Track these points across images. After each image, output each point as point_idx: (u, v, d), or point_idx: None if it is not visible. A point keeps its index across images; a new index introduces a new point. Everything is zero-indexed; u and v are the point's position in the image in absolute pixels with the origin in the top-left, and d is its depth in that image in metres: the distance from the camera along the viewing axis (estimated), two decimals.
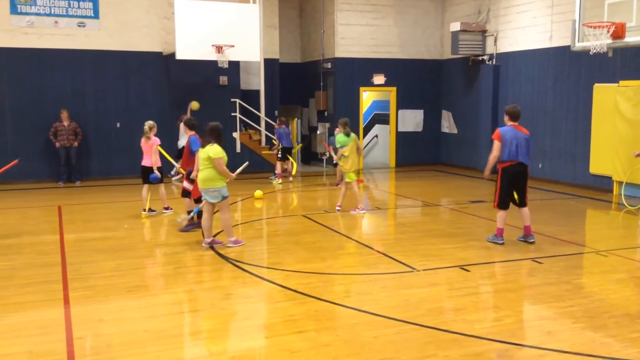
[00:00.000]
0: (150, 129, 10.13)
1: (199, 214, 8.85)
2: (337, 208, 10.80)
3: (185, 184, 9.19)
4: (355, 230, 9.68)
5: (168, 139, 15.50)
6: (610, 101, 12.27)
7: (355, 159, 10.67)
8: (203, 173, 7.87)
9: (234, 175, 8.10)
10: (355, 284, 6.79)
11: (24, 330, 5.30)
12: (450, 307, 5.98)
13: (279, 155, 14.89)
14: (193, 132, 9.30)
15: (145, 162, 10.18)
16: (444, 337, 5.11)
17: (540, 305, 6.02)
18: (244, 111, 16.17)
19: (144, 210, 10.25)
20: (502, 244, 8.28)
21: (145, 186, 10.31)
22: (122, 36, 15.10)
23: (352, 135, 10.69)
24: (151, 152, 10.06)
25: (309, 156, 19.09)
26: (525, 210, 8.34)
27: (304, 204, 12.61)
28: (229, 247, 8.15)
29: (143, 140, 10.18)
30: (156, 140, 10.12)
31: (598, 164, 12.65)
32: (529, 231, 8.42)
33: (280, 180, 14.59)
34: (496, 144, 8.10)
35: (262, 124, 16.64)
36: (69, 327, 5.33)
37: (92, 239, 8.76)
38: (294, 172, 15.36)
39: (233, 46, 14.26)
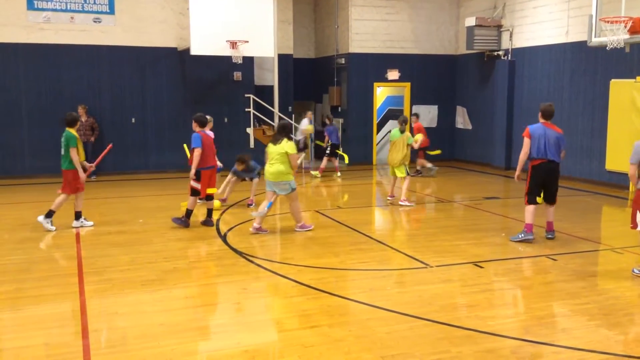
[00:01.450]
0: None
1: (189, 213, 8.95)
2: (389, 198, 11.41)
3: (193, 182, 8.97)
4: (368, 226, 9.68)
5: (182, 135, 15.59)
6: (627, 97, 12.14)
7: (393, 154, 10.99)
8: (273, 167, 8.38)
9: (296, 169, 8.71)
10: (369, 279, 6.79)
11: (40, 322, 5.37)
12: (463, 303, 5.97)
13: (328, 152, 15.08)
14: (200, 130, 9.03)
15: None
16: (457, 334, 5.11)
17: (554, 302, 5.98)
18: (257, 107, 16.20)
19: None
20: (532, 239, 8.18)
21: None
22: (138, 32, 15.19)
23: (405, 133, 10.92)
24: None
25: (323, 151, 19.04)
26: (552, 207, 8.34)
27: (316, 199, 12.62)
28: (297, 231, 8.79)
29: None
30: (210, 134, 10.18)
31: (614, 161, 12.52)
32: (550, 227, 8.39)
33: (319, 174, 14.80)
34: (525, 142, 8.15)
35: (276, 119, 16.65)
36: (84, 320, 5.40)
37: (108, 232, 8.84)
38: (346, 161, 15.45)
39: (247, 42, 14.28)
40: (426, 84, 17.72)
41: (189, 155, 10.35)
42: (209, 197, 9.21)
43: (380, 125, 18.75)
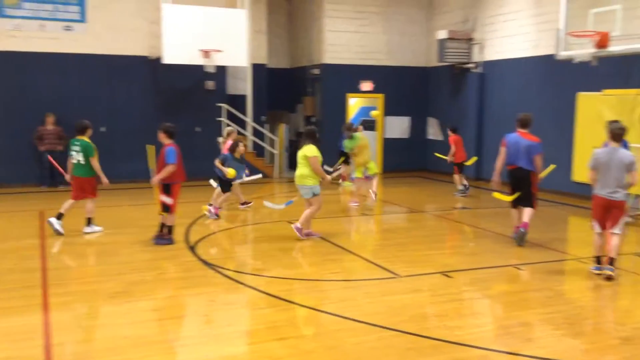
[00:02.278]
0: (229, 134, 11.35)
1: (170, 228, 8.68)
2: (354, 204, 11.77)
3: (163, 197, 8.49)
4: (339, 236, 9.68)
5: (153, 144, 15.45)
6: (594, 109, 12.41)
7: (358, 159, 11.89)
8: (298, 170, 8.74)
9: (328, 177, 8.95)
10: (339, 290, 6.79)
11: (3, 336, 5.25)
12: (432, 313, 6.00)
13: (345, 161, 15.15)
14: (171, 142, 8.57)
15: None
16: (426, 344, 5.13)
17: (521, 311, 6.05)
18: (230, 116, 16.15)
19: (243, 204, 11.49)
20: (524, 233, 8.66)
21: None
22: (109, 40, 15.04)
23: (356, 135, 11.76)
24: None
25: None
26: (528, 210, 8.70)
27: (288, 209, 12.59)
28: (299, 238, 8.83)
29: (222, 145, 11.37)
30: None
31: (581, 172, 12.75)
32: (524, 225, 8.68)
33: (347, 183, 15.05)
34: (501, 150, 8.78)
35: (249, 129, 16.64)
36: (48, 333, 5.29)
37: (75, 243, 8.70)
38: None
39: (220, 51, 14.27)
40: (399, 96, 17.88)
41: (151, 163, 9.45)
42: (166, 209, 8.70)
43: None
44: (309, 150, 8.60)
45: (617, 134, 7.11)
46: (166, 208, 8.56)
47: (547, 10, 13.59)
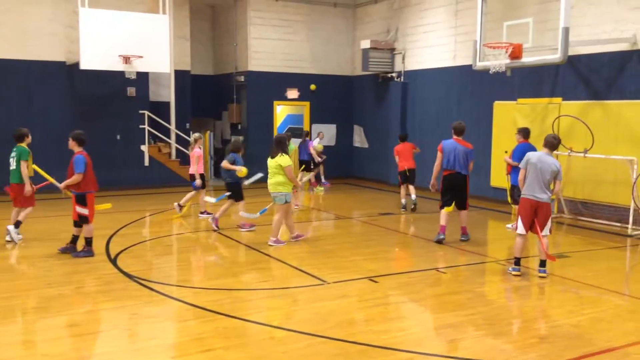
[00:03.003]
0: (196, 140, 11.54)
1: (89, 240, 8.30)
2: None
3: (78, 208, 8.18)
4: (266, 245, 9.63)
5: (70, 152, 14.83)
6: (509, 117, 12.99)
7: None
8: (273, 179, 8.98)
9: (300, 183, 9.27)
10: (266, 299, 6.74)
11: None
12: (359, 318, 6.06)
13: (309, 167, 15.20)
14: (81, 150, 8.25)
15: (190, 170, 11.59)
16: (353, 349, 5.17)
17: (444, 314, 6.22)
18: (153, 123, 15.76)
19: (179, 206, 11.59)
20: (443, 238, 9.29)
21: (202, 191, 11.61)
22: (23, 45, 14.33)
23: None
24: (193, 161, 11.38)
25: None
26: (464, 213, 9.49)
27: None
28: (270, 245, 9.00)
29: (190, 150, 11.59)
30: (197, 151, 11.39)
31: (498, 177, 13.31)
32: (464, 231, 9.56)
33: (322, 188, 15.56)
34: (438, 155, 9.29)
35: (173, 136, 16.30)
36: None
37: None
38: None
39: (141, 57, 13.91)
40: (325, 104, 18.05)
41: (46, 176, 9.17)
42: (78, 224, 8.39)
43: None
44: (283, 160, 8.92)
45: (550, 142, 7.39)
46: (83, 219, 8.24)
47: (465, 22, 14.13)
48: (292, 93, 17.71)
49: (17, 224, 9.14)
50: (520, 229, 7.41)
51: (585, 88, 11.64)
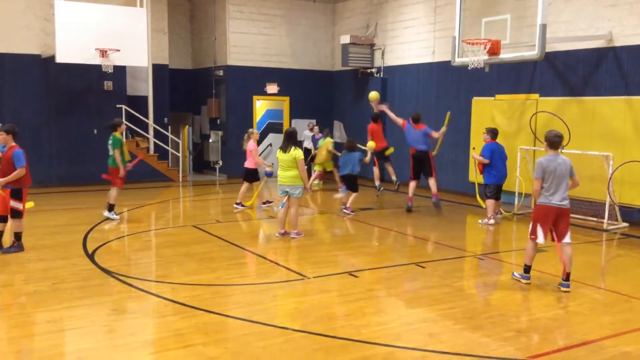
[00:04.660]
0: (250, 135, 11.82)
1: (18, 235, 8.16)
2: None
3: (13, 203, 7.97)
4: (247, 239, 9.60)
5: (45, 147, 14.63)
6: (488, 113, 13.10)
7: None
8: (289, 172, 9.10)
9: (308, 183, 9.46)
10: (246, 294, 6.71)
11: None
12: (339, 313, 6.07)
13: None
14: (16, 144, 8.09)
15: (246, 164, 11.83)
16: (332, 344, 5.18)
17: (423, 308, 6.26)
18: (131, 118, 15.59)
19: (236, 204, 11.88)
20: (411, 206, 11.71)
21: (245, 184, 11.88)
22: None
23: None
24: (251, 155, 11.71)
25: (202, 164, 18.75)
26: (432, 180, 11.78)
27: (194, 213, 12.34)
28: (293, 237, 9.21)
29: (245, 144, 11.86)
30: (251, 144, 11.68)
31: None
32: (435, 195, 11.77)
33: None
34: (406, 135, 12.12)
35: (151, 131, 16.15)
36: None
37: None
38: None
39: (118, 50, 13.74)
40: (305, 99, 18.01)
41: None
42: (3, 219, 8.18)
43: (261, 138, 18.73)
44: (297, 154, 9.07)
45: (554, 141, 6.93)
46: (16, 214, 8.07)
47: (443, 18, 14.19)
48: (272, 88, 17.64)
49: (111, 207, 10.56)
50: (541, 238, 6.89)
51: (562, 84, 11.79)
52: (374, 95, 13.40)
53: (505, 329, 5.68)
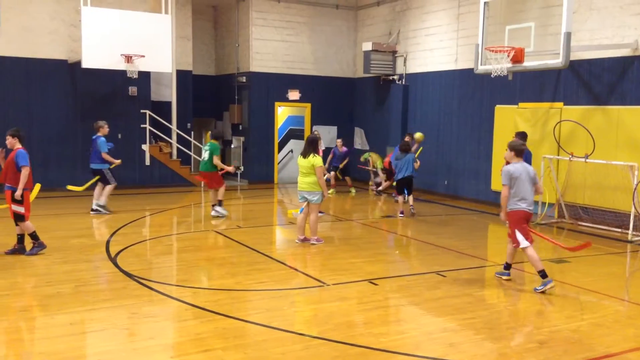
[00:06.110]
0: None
1: (33, 235, 8.22)
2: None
3: (15, 206, 8.01)
4: (267, 245, 9.63)
5: (71, 150, 14.85)
6: (510, 121, 12.98)
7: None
8: (309, 177, 9.17)
9: (326, 191, 9.41)
10: (265, 300, 6.73)
11: None
12: (358, 321, 6.05)
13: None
14: (21, 146, 8.12)
15: None
16: (351, 351, 5.16)
17: (443, 317, 6.21)
18: (154, 123, 15.77)
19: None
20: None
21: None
22: (25, 42, 14.36)
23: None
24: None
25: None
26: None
27: (215, 219, 12.42)
28: (313, 244, 9.27)
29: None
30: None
31: (499, 181, 13.28)
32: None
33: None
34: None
35: (174, 136, 16.31)
36: None
37: None
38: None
39: (143, 56, 13.91)
40: (326, 105, 18.05)
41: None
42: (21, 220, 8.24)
43: (282, 145, 18.84)
44: (317, 161, 9.15)
45: (520, 149, 7.29)
46: (19, 217, 8.13)
47: (466, 26, 14.13)
48: (294, 94, 17.71)
49: (220, 203, 11.41)
50: (524, 242, 7.13)
51: (586, 93, 11.64)
52: (421, 136, 13.72)
53: (527, 340, 5.62)
